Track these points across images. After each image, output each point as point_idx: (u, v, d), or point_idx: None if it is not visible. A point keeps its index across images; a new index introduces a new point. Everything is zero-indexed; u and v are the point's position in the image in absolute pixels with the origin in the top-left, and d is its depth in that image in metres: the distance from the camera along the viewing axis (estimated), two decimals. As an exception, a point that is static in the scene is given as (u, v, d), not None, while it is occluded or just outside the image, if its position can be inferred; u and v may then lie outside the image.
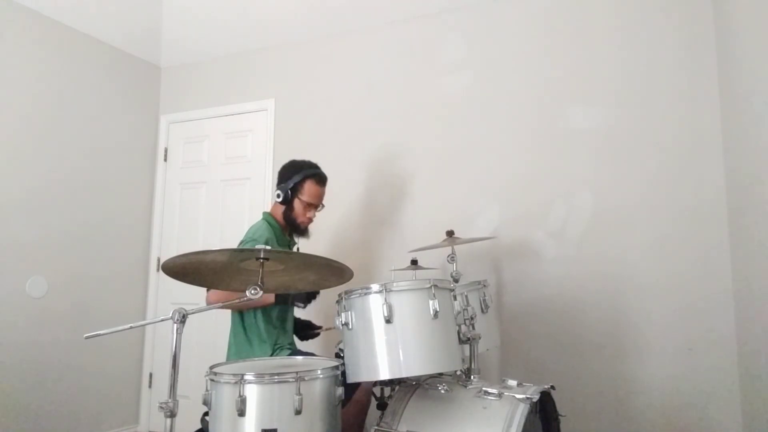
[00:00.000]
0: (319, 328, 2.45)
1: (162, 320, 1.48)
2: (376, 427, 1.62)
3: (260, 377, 1.43)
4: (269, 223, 2.27)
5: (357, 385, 1.98)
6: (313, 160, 3.18)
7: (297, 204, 2.25)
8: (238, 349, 2.20)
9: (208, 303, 2.09)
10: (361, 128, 3.22)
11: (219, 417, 1.46)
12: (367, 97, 3.23)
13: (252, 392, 1.42)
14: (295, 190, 2.25)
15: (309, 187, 2.24)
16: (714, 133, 2.47)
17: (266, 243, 2.13)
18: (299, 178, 2.24)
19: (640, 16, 2.65)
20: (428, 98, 3.06)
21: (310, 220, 2.31)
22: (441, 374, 1.86)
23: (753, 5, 2.08)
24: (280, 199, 2.25)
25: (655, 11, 2.62)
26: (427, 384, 1.73)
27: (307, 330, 2.45)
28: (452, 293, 1.75)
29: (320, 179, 2.29)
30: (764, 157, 2.01)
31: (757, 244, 2.11)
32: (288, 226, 2.30)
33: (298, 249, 2.61)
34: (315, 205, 2.28)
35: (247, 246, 2.09)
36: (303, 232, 2.33)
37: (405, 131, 3.10)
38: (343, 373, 1.61)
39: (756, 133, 2.09)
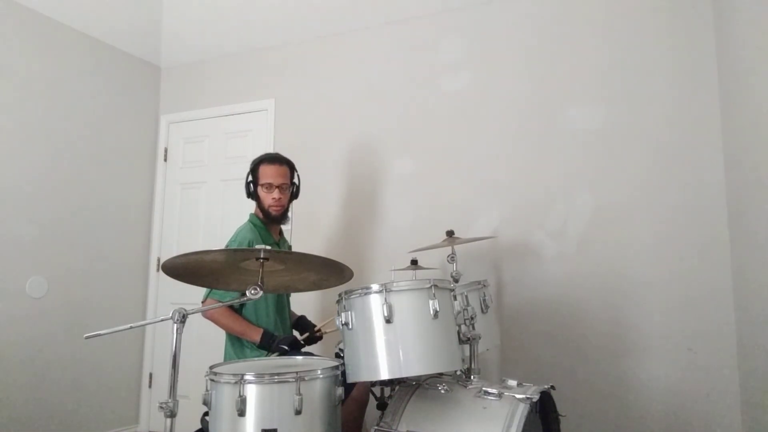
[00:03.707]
0: (314, 326, 2.42)
1: (162, 320, 1.48)
2: (376, 427, 1.62)
3: (260, 377, 1.43)
4: (254, 223, 2.29)
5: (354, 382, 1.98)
6: (313, 160, 3.23)
7: (260, 191, 2.29)
8: (234, 350, 2.21)
9: (206, 316, 2.13)
10: (361, 128, 3.21)
11: (219, 417, 1.46)
12: (366, 97, 3.23)
13: (252, 392, 1.42)
14: (255, 179, 2.31)
15: (262, 169, 2.29)
16: (714, 133, 2.46)
17: (249, 245, 2.14)
18: (253, 166, 2.33)
19: (640, 16, 2.65)
20: (428, 98, 3.06)
21: (278, 203, 2.27)
22: (441, 374, 1.86)
23: (753, 6, 2.08)
24: (247, 195, 2.33)
25: (655, 11, 2.62)
26: (427, 384, 1.73)
27: (306, 331, 2.43)
28: (452, 293, 1.75)
29: (270, 159, 2.32)
30: (764, 156, 2.01)
31: (757, 243, 2.11)
32: (266, 218, 2.31)
33: (290, 248, 2.62)
34: (273, 184, 2.26)
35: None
36: (278, 219, 2.31)
37: (405, 131, 3.10)
38: (343, 373, 1.61)
39: (756, 132, 2.09)
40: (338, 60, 3.34)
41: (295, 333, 2.43)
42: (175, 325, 1.37)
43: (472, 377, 1.77)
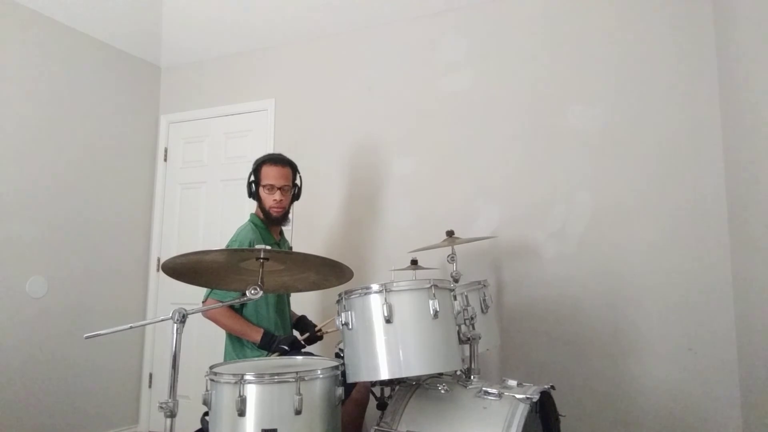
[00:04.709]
0: (315, 326, 2.42)
1: (162, 320, 1.48)
2: (376, 427, 1.62)
3: (260, 377, 1.43)
4: (254, 223, 2.28)
5: (355, 382, 1.98)
6: (313, 160, 3.23)
7: (261, 192, 2.29)
8: (234, 349, 2.21)
9: (206, 316, 2.13)
10: (361, 128, 3.21)
11: (219, 417, 1.46)
12: (367, 97, 3.23)
13: (252, 392, 1.42)
14: (257, 180, 2.30)
15: (264, 170, 2.28)
16: (714, 133, 2.47)
17: (249, 245, 2.14)
18: (255, 167, 2.32)
19: (640, 15, 2.65)
20: (428, 98, 3.06)
21: (279, 204, 2.26)
22: (441, 374, 1.86)
23: (753, 5, 2.08)
24: (248, 195, 2.32)
25: (655, 11, 2.62)
26: (427, 384, 1.73)
27: (306, 331, 2.43)
28: (452, 293, 1.75)
29: (273, 160, 2.31)
30: (764, 157, 2.01)
31: (757, 244, 2.11)
32: (266, 218, 2.30)
33: (290, 248, 2.62)
34: (275, 186, 2.25)
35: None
36: (278, 220, 2.30)
37: (405, 131, 3.10)
38: (343, 373, 1.61)
39: (756, 132, 2.09)
40: (338, 60, 3.34)
41: (296, 333, 2.43)
42: (175, 325, 1.37)
43: (472, 377, 1.77)
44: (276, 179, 2.26)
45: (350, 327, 1.61)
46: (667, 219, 2.51)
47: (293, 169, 2.35)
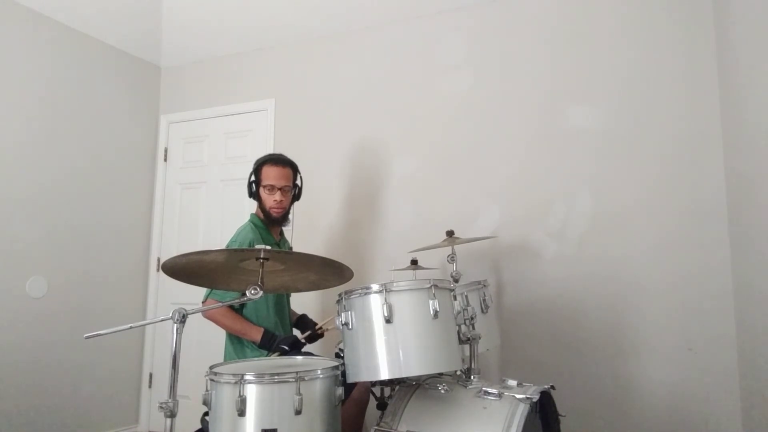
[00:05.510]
0: (315, 325, 2.42)
1: (162, 320, 1.48)
2: (376, 427, 1.62)
3: (260, 377, 1.43)
4: (254, 224, 2.28)
5: (355, 383, 1.98)
6: (313, 160, 3.23)
7: (262, 192, 2.29)
8: (234, 349, 2.21)
9: (206, 316, 2.13)
10: (361, 128, 3.21)
11: (219, 417, 1.46)
12: (367, 97, 3.23)
13: (252, 392, 1.42)
14: (257, 180, 2.30)
15: (265, 171, 2.28)
16: (714, 133, 2.46)
17: (249, 245, 2.14)
18: (256, 167, 2.32)
19: (640, 16, 2.65)
20: (428, 98, 3.06)
21: (279, 205, 2.26)
22: (441, 374, 1.86)
23: (753, 6, 2.08)
24: (248, 195, 2.32)
25: (655, 11, 2.62)
26: (427, 384, 1.73)
27: (306, 329, 2.43)
28: (452, 293, 1.75)
29: (274, 160, 2.30)
30: (764, 157, 2.01)
31: (757, 244, 2.11)
32: (267, 219, 2.30)
33: (290, 248, 2.62)
34: (276, 186, 2.25)
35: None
36: (279, 220, 2.30)
37: (405, 131, 3.10)
38: (343, 373, 1.61)
39: (756, 133, 2.09)
40: (338, 60, 3.34)
41: (296, 332, 2.43)
42: (175, 325, 1.37)
43: (472, 377, 1.77)
44: (276, 179, 2.26)
45: (350, 327, 1.61)
46: (667, 220, 2.50)
47: (294, 169, 2.35)
